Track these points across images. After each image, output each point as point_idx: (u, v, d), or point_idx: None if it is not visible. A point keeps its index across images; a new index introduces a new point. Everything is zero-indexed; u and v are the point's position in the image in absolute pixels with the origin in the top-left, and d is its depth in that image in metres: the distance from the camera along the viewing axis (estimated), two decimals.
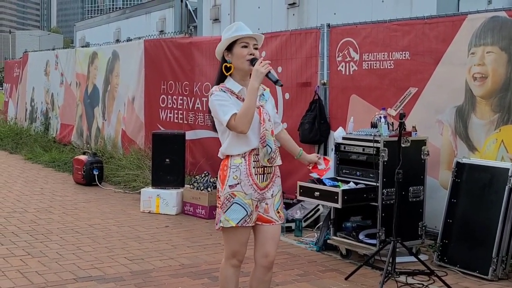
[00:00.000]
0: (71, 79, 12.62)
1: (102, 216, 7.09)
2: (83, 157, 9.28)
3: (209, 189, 7.07)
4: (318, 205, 6.42)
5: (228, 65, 3.36)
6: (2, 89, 20.72)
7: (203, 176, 7.37)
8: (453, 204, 5.26)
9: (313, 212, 6.54)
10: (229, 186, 3.32)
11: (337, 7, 9.85)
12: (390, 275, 4.63)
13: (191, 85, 8.78)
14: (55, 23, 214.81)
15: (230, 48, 3.35)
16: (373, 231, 5.35)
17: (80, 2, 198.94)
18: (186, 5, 15.79)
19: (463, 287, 4.77)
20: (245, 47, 3.33)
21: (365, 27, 6.42)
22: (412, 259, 5.05)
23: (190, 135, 8.52)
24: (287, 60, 7.22)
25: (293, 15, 11.11)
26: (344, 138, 5.58)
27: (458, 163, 5.32)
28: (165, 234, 6.31)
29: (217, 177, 3.47)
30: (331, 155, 3.72)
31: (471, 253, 5.03)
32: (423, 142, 5.41)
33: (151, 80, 9.55)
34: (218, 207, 3.40)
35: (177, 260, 5.36)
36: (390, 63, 6.16)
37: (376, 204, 5.21)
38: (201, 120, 8.61)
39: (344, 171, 5.58)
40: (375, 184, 5.23)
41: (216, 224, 3.39)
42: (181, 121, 8.96)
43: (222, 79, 3.40)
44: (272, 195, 3.41)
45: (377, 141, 5.18)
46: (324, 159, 3.72)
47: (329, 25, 6.82)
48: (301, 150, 3.72)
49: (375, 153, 5.21)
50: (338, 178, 5.55)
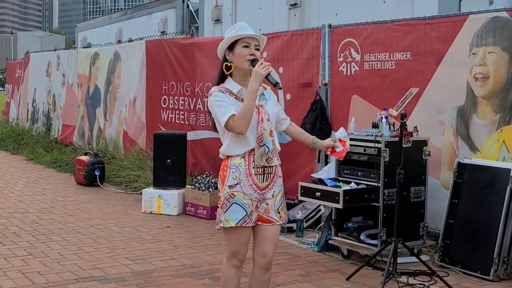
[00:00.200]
0: (72, 80, 12.62)
1: (103, 216, 7.10)
2: (84, 158, 9.29)
3: (210, 189, 7.07)
4: (320, 205, 6.42)
5: (229, 64, 3.36)
6: (4, 90, 20.69)
7: (204, 176, 7.37)
8: (455, 204, 5.25)
9: (314, 212, 6.53)
10: (228, 186, 3.32)
11: (339, 8, 9.85)
12: (391, 275, 4.63)
13: (192, 85, 8.78)
14: (57, 24, 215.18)
15: (231, 47, 3.35)
16: (374, 231, 5.35)
17: (82, 3, 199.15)
18: (188, 5, 15.79)
19: (465, 287, 4.77)
20: (246, 47, 3.33)
21: (367, 28, 6.42)
22: (414, 259, 5.06)
23: (191, 135, 8.53)
24: (289, 61, 7.21)
25: (295, 15, 11.11)
26: None
27: (459, 164, 5.32)
28: (166, 235, 6.31)
29: (218, 178, 3.47)
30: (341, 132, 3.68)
31: (473, 254, 5.02)
32: (424, 143, 5.41)
33: (152, 81, 9.55)
34: (218, 207, 3.40)
35: (178, 261, 5.36)
36: (391, 63, 6.15)
37: (378, 205, 5.20)
38: (202, 120, 8.61)
39: (345, 171, 5.58)
40: (376, 184, 5.22)
41: (217, 224, 3.39)
42: (182, 122, 8.96)
43: (222, 78, 3.40)
44: (273, 195, 3.40)
45: (378, 142, 5.18)
46: (340, 140, 3.65)
47: (330, 26, 6.82)
48: (314, 138, 3.68)
49: (376, 153, 5.21)
50: (339, 178, 5.55)
